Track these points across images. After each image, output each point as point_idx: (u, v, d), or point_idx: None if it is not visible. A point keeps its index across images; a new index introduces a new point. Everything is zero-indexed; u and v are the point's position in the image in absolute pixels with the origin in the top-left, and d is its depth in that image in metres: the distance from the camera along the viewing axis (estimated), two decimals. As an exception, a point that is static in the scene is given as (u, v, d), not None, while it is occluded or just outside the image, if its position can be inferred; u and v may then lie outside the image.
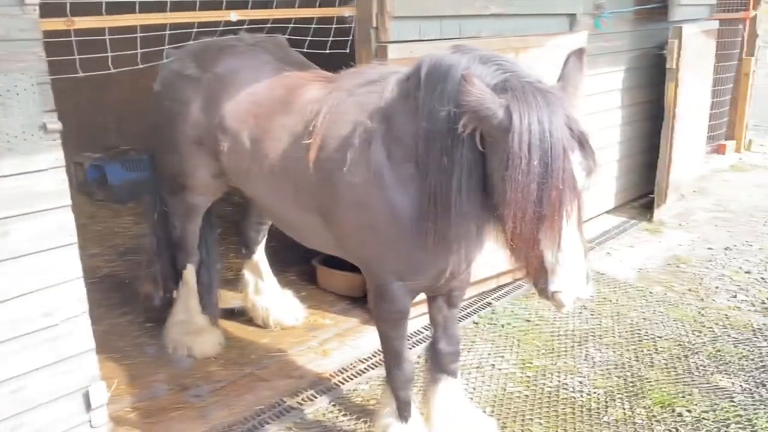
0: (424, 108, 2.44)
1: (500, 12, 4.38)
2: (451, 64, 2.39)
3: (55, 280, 2.75)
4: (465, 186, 2.35)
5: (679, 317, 4.55)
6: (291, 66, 3.44)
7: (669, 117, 6.16)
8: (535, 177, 2.06)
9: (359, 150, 2.70)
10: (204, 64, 3.54)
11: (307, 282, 5.01)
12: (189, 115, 3.54)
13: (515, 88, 2.20)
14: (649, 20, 6.40)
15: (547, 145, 2.07)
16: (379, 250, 2.80)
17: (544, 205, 2.07)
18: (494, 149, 2.21)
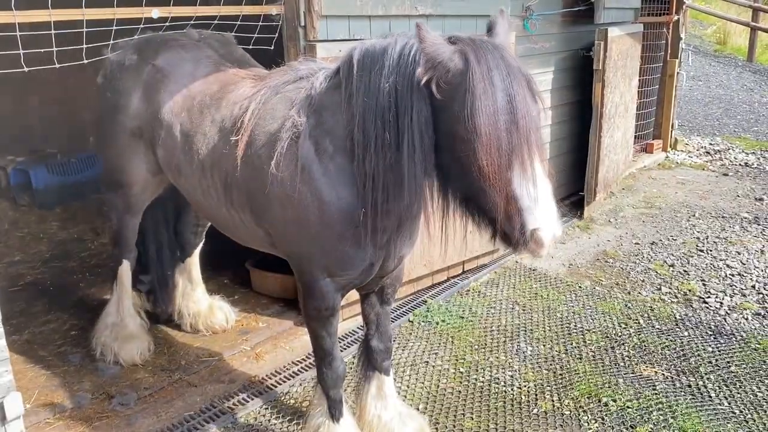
0: (359, 91, 2.44)
1: (429, 13, 4.42)
2: (385, 45, 2.40)
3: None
4: (414, 153, 2.30)
5: (607, 310, 4.69)
6: (231, 63, 3.43)
7: (597, 117, 6.36)
8: (502, 108, 2.08)
9: (287, 145, 2.69)
10: (145, 55, 3.51)
11: (240, 285, 4.94)
12: (129, 106, 3.50)
13: (463, 39, 2.22)
14: (576, 23, 6.59)
15: (507, 79, 2.11)
16: (308, 245, 2.79)
17: (513, 136, 2.08)
18: (453, 94, 2.17)
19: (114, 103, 3.56)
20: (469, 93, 2.09)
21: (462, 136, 2.14)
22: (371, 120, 2.40)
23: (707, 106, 12.37)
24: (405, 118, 2.30)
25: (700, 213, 6.81)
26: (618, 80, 6.64)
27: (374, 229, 2.59)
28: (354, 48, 2.53)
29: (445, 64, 2.15)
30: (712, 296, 4.91)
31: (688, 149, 9.46)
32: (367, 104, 2.41)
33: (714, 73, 14.68)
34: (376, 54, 2.41)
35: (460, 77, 2.14)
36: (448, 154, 2.29)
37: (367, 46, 2.48)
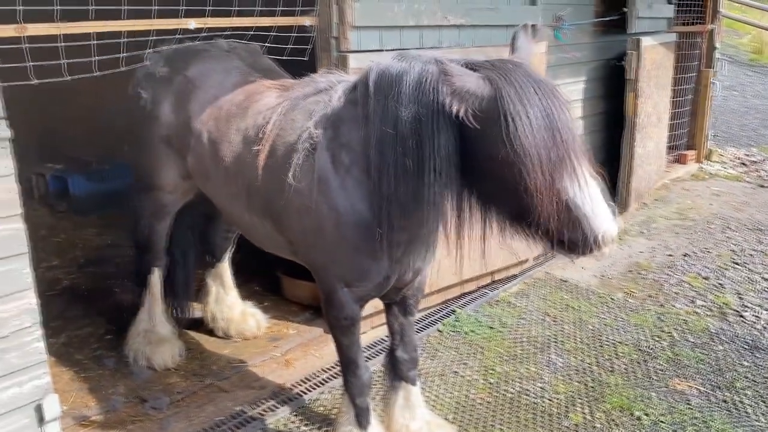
0: (376, 114, 2.46)
1: (461, 23, 4.43)
2: (403, 70, 2.41)
3: (5, 290, 2.68)
4: (437, 181, 2.33)
5: (639, 323, 4.62)
6: (259, 72, 3.49)
7: (629, 127, 6.30)
8: (540, 125, 2.10)
9: (303, 156, 2.74)
10: (176, 66, 3.60)
11: (271, 292, 4.98)
12: (160, 115, 3.58)
13: (482, 64, 2.24)
14: (608, 32, 6.55)
15: (537, 94, 2.13)
16: (325, 255, 2.83)
17: (558, 147, 2.10)
18: (488, 121, 2.17)
19: (146, 113, 3.65)
20: (503, 117, 2.11)
21: (505, 158, 2.15)
22: (389, 145, 2.42)
23: (743, 116, 12.13)
24: (428, 146, 2.31)
25: (735, 225, 6.68)
26: (651, 90, 6.56)
27: (390, 243, 2.61)
28: (370, 69, 2.55)
29: (474, 93, 2.16)
30: (749, 310, 4.81)
31: (722, 160, 9.29)
32: (384, 130, 2.42)
33: (750, 82, 14.40)
34: (392, 78, 2.42)
35: (491, 103, 2.15)
36: (488, 177, 2.29)
37: (382, 68, 2.50)
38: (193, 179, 3.61)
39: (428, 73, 2.33)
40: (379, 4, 3.98)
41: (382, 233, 2.54)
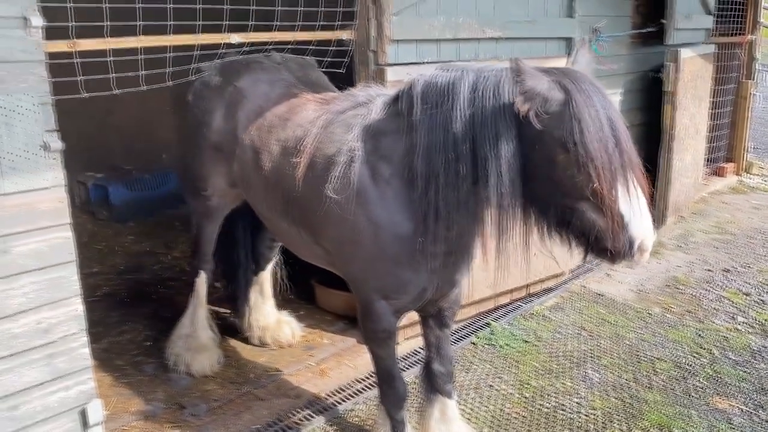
0: (423, 124, 2.51)
1: (498, 35, 4.44)
2: (451, 79, 2.46)
3: (54, 297, 2.77)
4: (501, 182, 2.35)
5: (678, 339, 4.55)
6: (304, 85, 3.56)
7: (667, 139, 6.22)
8: (608, 132, 2.18)
9: (343, 168, 2.78)
10: (229, 77, 3.68)
11: (305, 301, 5.02)
12: (212, 122, 3.66)
13: (552, 71, 2.29)
14: (645, 44, 6.48)
15: (604, 103, 2.21)
16: (363, 267, 2.86)
17: (619, 156, 2.18)
18: (554, 124, 2.23)
19: (200, 120, 3.74)
20: (574, 120, 2.17)
21: (567, 161, 2.22)
22: (438, 153, 2.46)
23: (783, 128, 11.88)
24: (488, 149, 2.35)
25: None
26: (689, 102, 6.47)
27: (429, 254, 2.65)
28: (415, 80, 2.60)
29: (544, 95, 2.21)
30: (792, 327, 4.70)
31: (762, 173, 9.10)
32: (432, 137, 2.47)
33: (791, 94, 14.08)
34: (441, 88, 2.48)
35: (560, 106, 2.20)
36: (540, 179, 2.34)
37: (428, 80, 2.55)
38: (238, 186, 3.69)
39: (484, 79, 2.39)
40: (417, 18, 4.01)
41: (424, 243, 2.57)
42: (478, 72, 2.45)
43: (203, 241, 4.02)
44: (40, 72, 2.61)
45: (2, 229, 2.60)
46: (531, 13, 4.68)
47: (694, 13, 6.76)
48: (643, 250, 2.24)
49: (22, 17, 2.53)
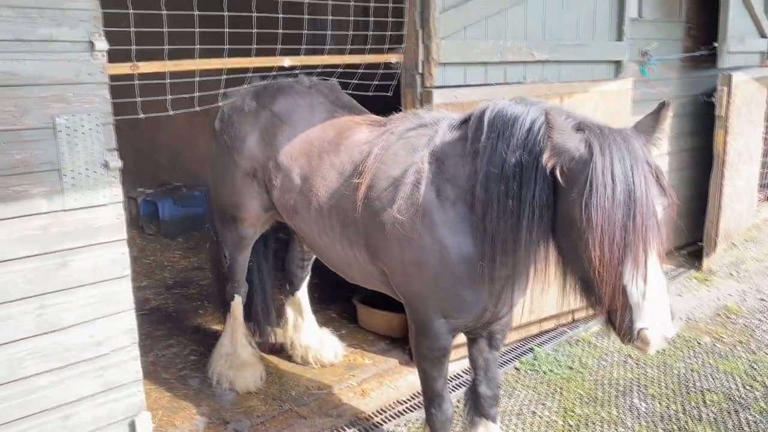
0: (486, 152, 2.54)
1: (546, 58, 4.43)
2: (517, 114, 2.50)
3: (108, 310, 2.86)
4: (533, 226, 2.39)
5: (729, 370, 4.40)
6: (342, 108, 3.60)
7: (718, 164, 6.07)
8: (620, 203, 2.08)
9: (408, 189, 2.80)
10: (263, 101, 3.72)
11: (347, 320, 5.05)
12: (244, 148, 3.68)
13: (591, 127, 2.29)
14: (696, 67, 6.37)
15: (629, 173, 2.12)
16: (425, 287, 2.86)
17: (629, 232, 2.07)
18: (574, 182, 2.22)
19: (230, 145, 3.75)
20: (588, 184, 2.12)
21: (576, 222, 2.18)
22: (495, 183, 2.50)
23: (842, 153, 11.45)
24: (527, 192, 2.37)
25: (835, 270, 6.29)
26: (742, 127, 6.32)
27: (491, 277, 2.66)
28: (486, 107, 2.64)
29: (570, 152, 2.21)
30: None
31: (819, 200, 8.78)
32: (491, 168, 2.50)
33: None
34: (507, 120, 2.51)
35: (582, 166, 2.19)
36: (564, 233, 2.35)
37: (499, 108, 2.59)
38: (274, 211, 3.73)
39: (540, 123, 2.41)
40: (465, 41, 4.04)
41: (484, 266, 2.59)
42: (540, 111, 2.47)
43: (237, 269, 4.07)
44: (103, 94, 2.73)
45: (62, 243, 2.71)
46: (580, 36, 4.66)
47: (748, 37, 6.61)
48: (646, 342, 2.08)
49: (89, 41, 2.66)
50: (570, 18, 4.58)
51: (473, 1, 4.05)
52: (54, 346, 2.71)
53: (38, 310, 2.67)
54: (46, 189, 2.63)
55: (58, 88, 2.62)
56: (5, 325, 2.58)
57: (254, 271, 4.31)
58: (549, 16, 4.46)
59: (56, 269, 2.70)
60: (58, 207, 2.67)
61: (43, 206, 2.63)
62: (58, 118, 2.62)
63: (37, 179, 2.61)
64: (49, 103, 2.61)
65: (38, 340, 2.67)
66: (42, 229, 2.64)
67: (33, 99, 2.57)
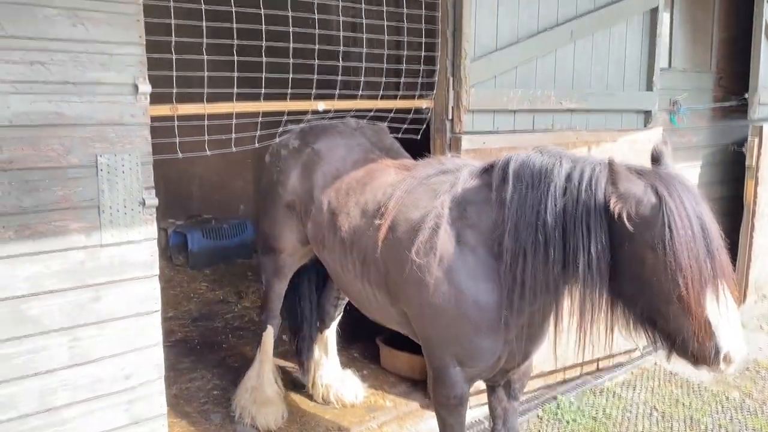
0: (514, 202, 2.58)
1: (574, 107, 4.48)
2: (547, 165, 2.55)
3: (137, 344, 2.93)
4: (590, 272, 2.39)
5: (758, 427, 4.29)
6: (380, 150, 3.71)
7: (748, 214, 6.01)
8: (699, 239, 2.19)
9: (427, 233, 2.84)
10: (307, 139, 3.86)
11: (369, 360, 5.04)
12: (288, 182, 3.82)
13: (646, 173, 2.35)
14: (726, 117, 6.37)
15: (699, 211, 2.23)
16: (441, 332, 2.87)
17: (710, 265, 2.19)
18: (645, 226, 2.27)
19: (276, 179, 3.90)
20: (668, 227, 2.20)
21: (655, 265, 2.25)
22: (528, 233, 2.53)
23: None
24: (578, 240, 2.40)
25: None
26: (773, 177, 6.26)
27: (510, 325, 2.68)
28: (510, 158, 2.69)
29: (637, 197, 2.27)
30: None
31: None
32: (523, 217, 2.54)
33: None
34: (535, 171, 2.57)
35: (653, 210, 2.25)
36: (631, 277, 2.37)
37: (523, 160, 2.64)
38: (310, 245, 3.81)
39: (581, 172, 2.46)
40: (495, 90, 4.12)
41: (508, 316, 2.61)
42: (573, 162, 2.53)
43: (272, 298, 4.13)
44: (144, 134, 2.84)
45: (97, 277, 2.79)
46: (609, 85, 4.71)
47: (780, 87, 6.60)
48: (730, 362, 2.23)
49: (133, 84, 2.78)
50: (599, 67, 4.64)
51: (503, 51, 4.13)
52: (85, 378, 2.77)
53: (72, 342, 2.74)
54: (85, 225, 2.73)
55: (102, 129, 2.73)
56: (40, 356, 2.66)
57: (305, 300, 4.38)
58: (578, 65, 4.52)
59: (90, 303, 2.78)
60: (95, 242, 2.76)
61: (81, 241, 2.73)
62: (100, 157, 2.73)
63: (76, 215, 2.71)
64: (93, 143, 2.72)
65: (70, 372, 2.74)
66: (79, 263, 2.73)
67: (77, 138, 2.69)
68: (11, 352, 2.62)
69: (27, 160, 2.57)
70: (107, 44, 2.70)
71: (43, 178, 2.62)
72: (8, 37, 2.49)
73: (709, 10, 6.01)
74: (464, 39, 3.92)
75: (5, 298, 2.58)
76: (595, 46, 4.58)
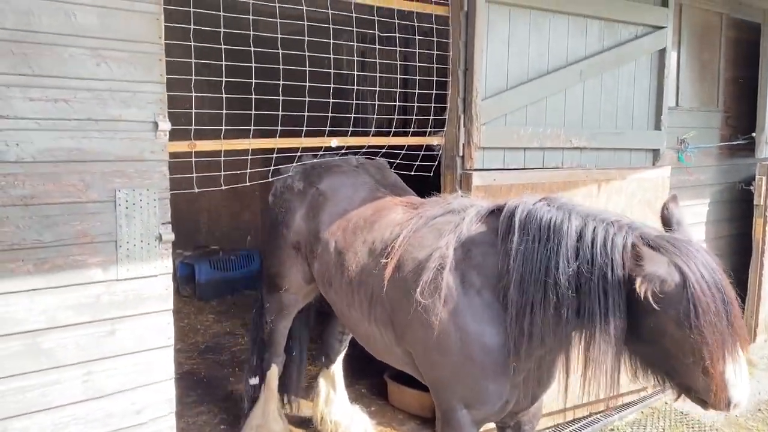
0: (520, 254, 2.59)
1: (584, 146, 4.53)
2: (554, 220, 2.57)
3: (150, 379, 2.93)
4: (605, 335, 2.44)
5: (772, 471, 4.23)
6: (385, 188, 3.72)
7: (757, 252, 6.00)
8: (721, 314, 2.28)
9: (432, 273, 2.84)
10: (311, 179, 3.87)
11: (377, 396, 5.00)
12: (292, 222, 3.83)
13: (664, 246, 2.38)
14: (734, 155, 6.41)
15: (719, 285, 2.31)
16: (447, 374, 2.86)
17: (730, 333, 2.29)
18: (670, 303, 2.31)
19: (281, 220, 3.90)
20: (692, 305, 2.27)
21: (678, 336, 2.33)
22: (536, 288, 2.55)
23: None
24: (593, 303, 2.44)
25: None
26: (781, 215, 6.27)
27: (517, 369, 2.68)
28: (516, 206, 2.71)
29: (662, 278, 2.30)
30: None
31: None
32: (530, 271, 2.56)
33: None
34: (543, 224, 2.59)
35: (677, 289, 2.30)
36: (650, 342, 2.44)
37: (530, 210, 2.66)
38: (315, 284, 3.81)
39: (592, 233, 2.49)
40: (505, 128, 4.17)
41: (515, 363, 2.61)
42: (583, 218, 2.55)
43: (276, 336, 4.12)
44: (163, 170, 2.88)
45: (111, 312, 2.81)
46: (618, 124, 4.76)
47: (786, 125, 6.65)
48: (738, 408, 2.37)
49: (153, 122, 2.83)
50: (608, 107, 4.69)
51: (514, 90, 4.20)
52: (97, 412, 2.77)
53: (85, 376, 2.75)
54: (102, 259, 2.76)
55: (121, 164, 2.78)
56: (54, 390, 2.67)
57: (296, 341, 4.37)
58: (587, 104, 4.58)
59: (105, 336, 2.79)
60: (111, 276, 2.79)
61: (98, 275, 2.75)
62: (119, 192, 2.78)
63: (94, 249, 2.74)
64: (112, 178, 2.77)
65: (83, 406, 2.74)
66: (95, 297, 2.75)
67: (97, 174, 2.73)
68: (25, 385, 2.63)
69: (48, 195, 2.61)
70: (129, 83, 2.77)
71: (63, 212, 2.66)
72: (34, 75, 2.55)
73: (716, 49, 6.09)
74: (475, 78, 3.99)
75: (22, 332, 2.60)
76: (604, 85, 4.65)
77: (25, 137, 2.55)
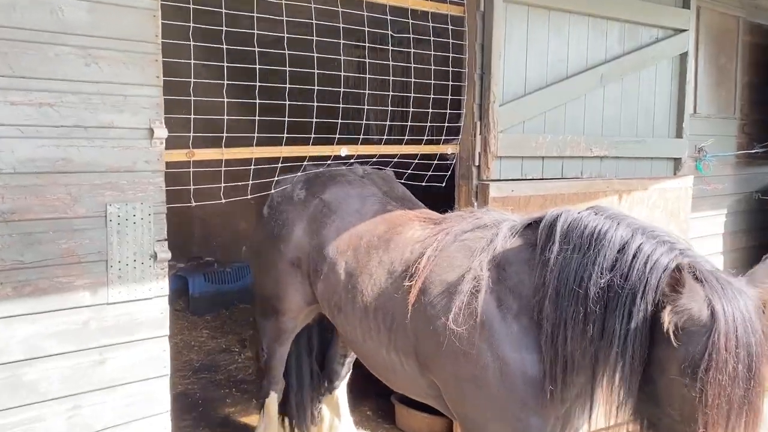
0: (557, 264, 2.34)
1: (604, 154, 4.29)
2: (600, 229, 2.30)
3: (144, 412, 2.66)
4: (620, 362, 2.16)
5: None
6: (395, 201, 3.43)
7: (775, 265, 5.79)
8: (739, 382, 1.93)
9: (466, 298, 2.56)
10: (313, 189, 3.56)
11: (383, 419, 4.74)
12: (291, 236, 3.50)
13: (711, 283, 2.05)
14: (752, 164, 6.21)
15: (751, 348, 1.96)
16: (483, 409, 2.58)
17: (744, 403, 1.96)
18: (688, 343, 2.01)
19: (277, 234, 3.57)
20: (708, 354, 1.95)
21: (676, 384, 2.02)
22: (569, 301, 2.28)
23: None
24: (618, 323, 2.16)
25: None
26: (799, 226, 6.07)
27: (559, 399, 2.41)
28: (559, 213, 2.46)
29: (690, 313, 2.00)
30: None
31: None
32: (564, 282, 2.30)
33: None
34: (586, 232, 2.32)
35: (700, 329, 1.99)
36: (653, 381, 2.13)
37: (573, 218, 2.40)
38: (317, 305, 3.51)
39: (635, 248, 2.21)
40: (524, 135, 3.92)
41: (553, 390, 2.34)
42: (633, 230, 2.28)
43: (274, 364, 3.81)
44: (158, 182, 2.62)
45: (100, 339, 2.54)
46: (639, 132, 4.54)
47: (802, 133, 6.46)
48: None
49: (149, 129, 2.57)
50: (629, 114, 4.47)
51: (532, 95, 3.95)
52: (84, 453, 2.49)
53: (71, 411, 2.47)
54: (91, 281, 2.49)
55: (113, 176, 2.51)
56: (37, 427, 2.39)
57: (292, 366, 4.05)
58: (607, 111, 4.35)
59: (93, 366, 2.52)
60: (101, 300, 2.51)
61: (86, 299, 2.48)
62: (110, 206, 2.51)
63: (82, 270, 2.47)
64: (103, 191, 2.50)
65: (68, 447, 2.45)
66: (82, 323, 2.48)
67: (86, 186, 2.46)
68: (3, 424, 2.34)
69: (30, 210, 2.34)
70: (122, 85, 2.50)
71: (47, 229, 2.38)
72: (16, 76, 2.28)
73: (733, 54, 5.90)
74: (493, 82, 3.74)
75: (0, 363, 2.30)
76: (624, 91, 4.42)
77: (5, 145, 2.28)
